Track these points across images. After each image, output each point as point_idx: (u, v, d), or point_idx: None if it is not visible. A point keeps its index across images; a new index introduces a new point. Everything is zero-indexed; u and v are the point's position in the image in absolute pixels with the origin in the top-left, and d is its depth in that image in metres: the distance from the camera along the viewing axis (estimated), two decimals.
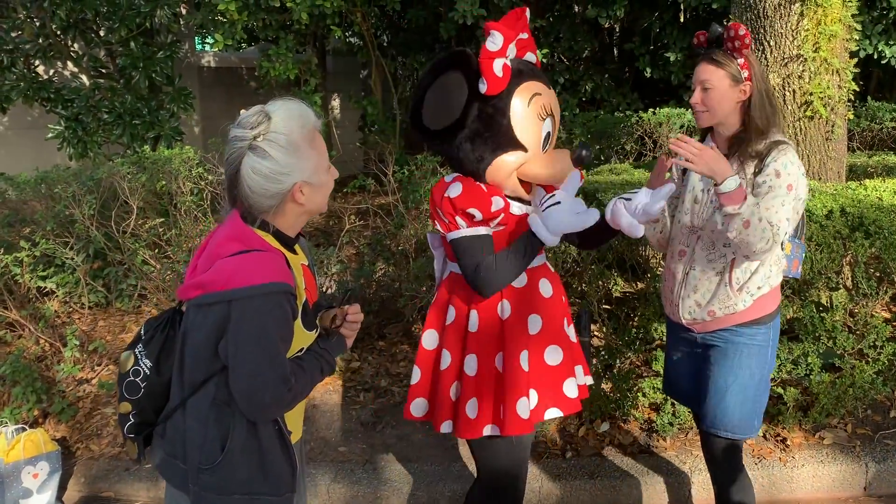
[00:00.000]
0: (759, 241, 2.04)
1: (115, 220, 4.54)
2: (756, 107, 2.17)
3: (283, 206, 1.62)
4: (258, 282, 1.50)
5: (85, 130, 6.91)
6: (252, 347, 1.51)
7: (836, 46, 3.98)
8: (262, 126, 1.56)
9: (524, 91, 2.06)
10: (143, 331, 1.71)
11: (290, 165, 1.58)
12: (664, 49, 7.93)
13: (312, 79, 7.83)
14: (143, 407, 1.68)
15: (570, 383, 2.19)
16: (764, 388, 2.31)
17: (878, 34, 6.99)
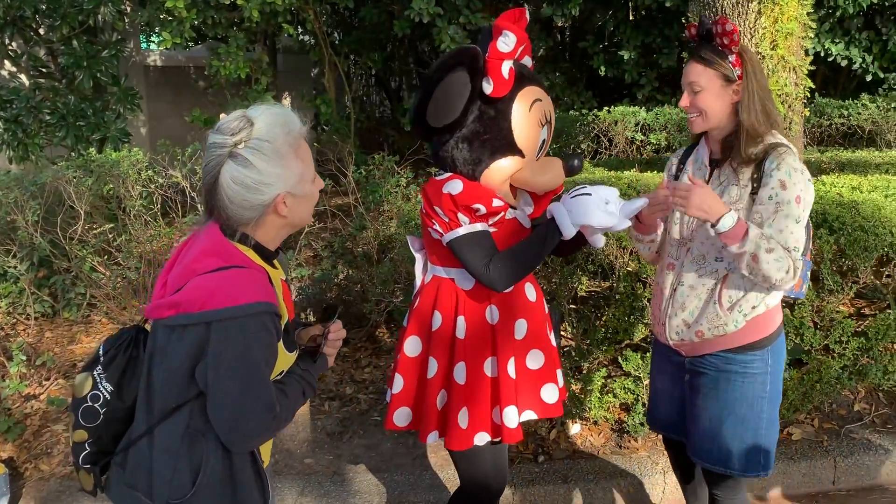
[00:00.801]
0: (777, 272, 1.87)
1: (61, 226, 4.35)
2: (746, 108, 1.97)
3: (265, 218, 1.49)
4: (241, 302, 1.38)
5: (25, 132, 6.62)
6: (235, 374, 1.39)
7: (793, 44, 4.03)
8: (244, 132, 1.44)
9: (526, 96, 2.00)
10: (101, 351, 1.55)
11: (274, 175, 1.45)
12: (618, 47, 7.98)
13: (263, 77, 7.66)
14: (101, 434, 1.53)
15: (549, 389, 2.14)
16: (769, 422, 2.06)
17: (826, 32, 7.15)
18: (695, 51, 2.02)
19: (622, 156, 6.73)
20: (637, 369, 3.15)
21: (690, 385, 2.14)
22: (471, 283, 2.06)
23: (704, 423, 2.09)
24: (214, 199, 1.47)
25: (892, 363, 3.19)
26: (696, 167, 2.13)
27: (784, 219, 1.90)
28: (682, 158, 2.23)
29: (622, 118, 6.81)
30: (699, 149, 2.16)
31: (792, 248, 1.89)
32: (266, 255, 1.54)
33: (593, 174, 4.58)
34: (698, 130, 2.07)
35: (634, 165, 5.28)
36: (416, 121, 2.06)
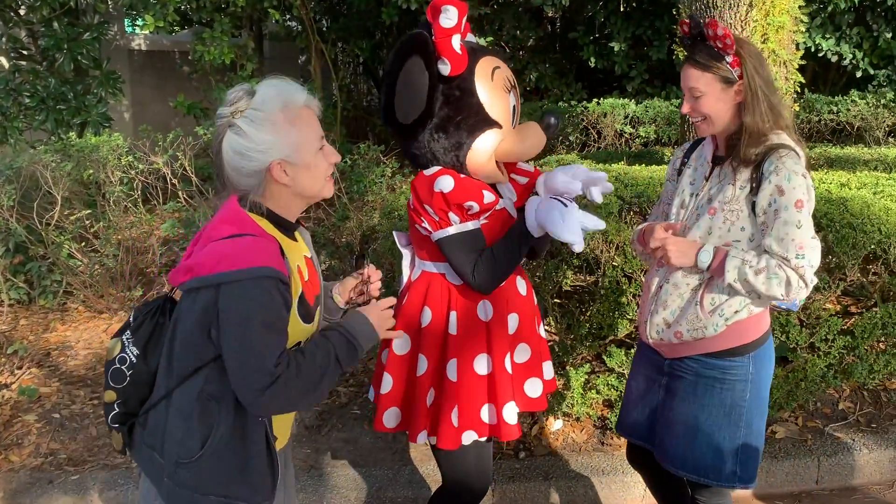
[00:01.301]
0: (777, 288, 1.81)
1: (38, 211, 4.25)
2: (750, 109, 1.88)
3: (268, 186, 1.55)
4: (245, 265, 1.43)
5: (4, 115, 6.49)
6: (236, 334, 1.44)
7: (784, 38, 3.99)
8: (241, 102, 1.52)
9: (484, 66, 1.95)
10: (132, 317, 1.65)
11: (266, 143, 1.51)
12: (608, 39, 7.92)
13: (249, 63, 7.55)
14: (129, 396, 1.62)
15: (533, 382, 2.10)
16: (748, 431, 1.97)
17: (817, 27, 7.12)
18: (690, 54, 1.94)
19: (611, 148, 6.68)
20: (621, 366, 3.11)
21: (667, 388, 2.08)
22: None
23: (679, 429, 2.02)
24: (221, 169, 1.56)
25: (877, 362, 3.16)
26: (699, 163, 2.08)
27: (784, 226, 1.82)
28: (688, 153, 2.17)
29: (612, 110, 6.76)
30: (705, 145, 2.10)
31: (794, 257, 1.81)
32: (285, 225, 1.60)
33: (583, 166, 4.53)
34: (705, 135, 2.02)
35: (623, 158, 5.23)
36: (388, 121, 2.01)
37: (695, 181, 2.05)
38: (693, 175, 2.07)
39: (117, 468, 3.07)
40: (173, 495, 1.56)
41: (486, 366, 2.02)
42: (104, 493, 2.96)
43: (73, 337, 4.16)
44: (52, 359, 3.89)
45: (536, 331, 2.13)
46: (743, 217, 1.90)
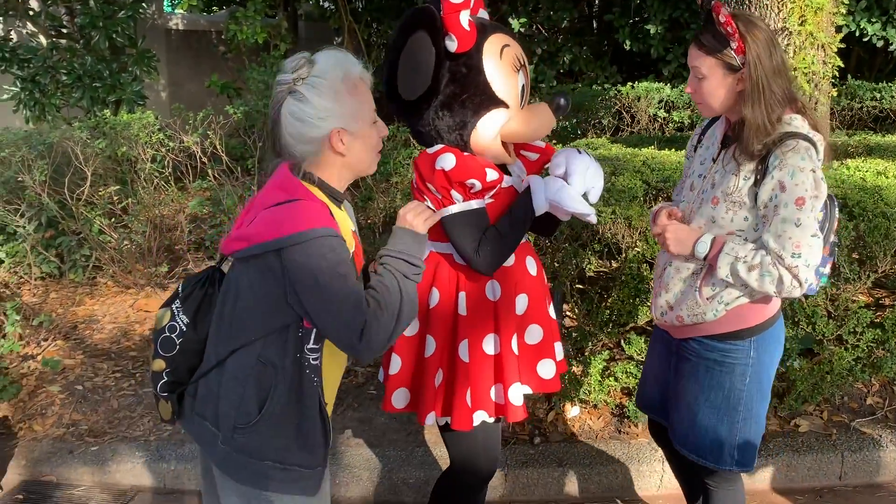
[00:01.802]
0: (769, 286, 1.78)
1: (70, 187, 4.31)
2: (749, 101, 1.80)
3: (324, 155, 1.58)
4: (304, 228, 1.46)
5: (42, 92, 6.60)
6: (317, 291, 1.47)
7: (823, 20, 3.85)
8: (303, 69, 1.54)
9: (493, 43, 1.90)
10: (181, 287, 1.69)
11: (328, 110, 1.54)
12: (644, 21, 7.76)
13: (282, 44, 7.57)
14: (178, 365, 1.66)
15: (546, 364, 2.07)
16: (747, 416, 1.96)
17: (862, 11, 6.88)
18: (698, 33, 1.87)
19: (644, 133, 6.55)
20: (640, 353, 3.06)
21: (675, 369, 2.09)
22: None
23: (683, 410, 2.04)
24: (278, 136, 1.57)
25: None
26: (710, 142, 2.04)
27: (781, 223, 1.76)
28: (704, 130, 2.13)
29: (646, 94, 6.62)
30: (718, 124, 2.04)
31: (790, 255, 1.75)
32: (333, 195, 1.62)
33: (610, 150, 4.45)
34: (706, 116, 1.99)
35: (654, 143, 5.12)
36: (391, 97, 1.97)
37: (704, 161, 2.01)
38: (704, 155, 2.03)
39: (136, 440, 3.11)
40: (229, 461, 1.58)
41: (494, 346, 2.00)
42: (122, 465, 3.01)
43: (100, 311, 4.23)
44: (78, 332, 3.96)
45: (547, 311, 2.10)
46: (746, 208, 1.84)
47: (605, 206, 3.02)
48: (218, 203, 4.62)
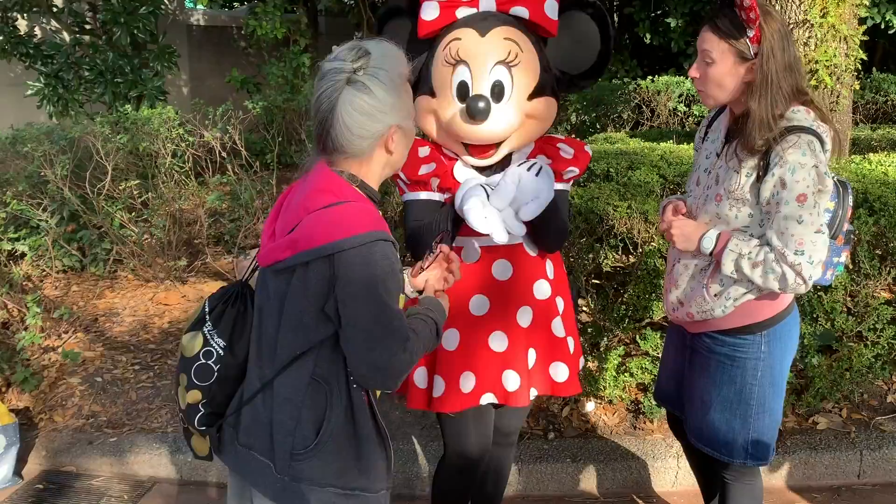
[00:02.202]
0: (773, 283, 1.76)
1: (91, 181, 4.36)
2: (756, 94, 1.75)
3: (374, 153, 1.47)
4: (359, 231, 1.36)
5: (66, 88, 6.68)
6: (363, 302, 1.37)
7: (845, 12, 3.79)
8: (364, 59, 1.41)
9: (448, 36, 1.96)
10: (206, 308, 1.54)
11: (391, 105, 1.44)
12: (665, 15, 7.69)
13: (302, 39, 7.60)
14: (215, 394, 1.52)
15: (510, 375, 2.01)
16: (760, 410, 1.93)
17: (887, 3, 6.76)
18: (713, 16, 1.81)
19: (664, 127, 6.50)
20: (655, 349, 3.04)
21: (689, 362, 2.08)
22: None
23: (696, 403, 2.03)
24: (329, 129, 1.43)
25: None
26: (715, 136, 2.00)
27: (783, 220, 1.73)
28: (710, 121, 2.09)
29: (666, 88, 6.57)
30: (723, 117, 1.99)
31: (792, 253, 1.72)
32: (373, 196, 1.51)
33: (628, 144, 4.43)
34: (707, 105, 1.92)
35: (673, 137, 5.08)
36: None
37: (709, 155, 1.99)
38: (709, 148, 2.00)
39: (154, 432, 3.15)
40: (288, 491, 1.44)
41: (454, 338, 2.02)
42: (140, 456, 3.05)
43: (120, 304, 4.28)
44: (98, 324, 4.01)
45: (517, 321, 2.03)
46: (750, 204, 1.81)
47: (621, 201, 3.00)
48: (237, 198, 4.66)
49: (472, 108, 1.86)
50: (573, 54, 2.06)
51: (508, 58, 1.93)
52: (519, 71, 1.94)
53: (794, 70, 1.78)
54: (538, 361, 2.06)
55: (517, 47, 1.94)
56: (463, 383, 2.00)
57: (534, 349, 2.05)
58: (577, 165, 2.06)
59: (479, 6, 1.99)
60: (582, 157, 2.07)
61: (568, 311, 2.17)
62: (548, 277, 2.09)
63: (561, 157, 2.05)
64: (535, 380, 2.05)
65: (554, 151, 2.06)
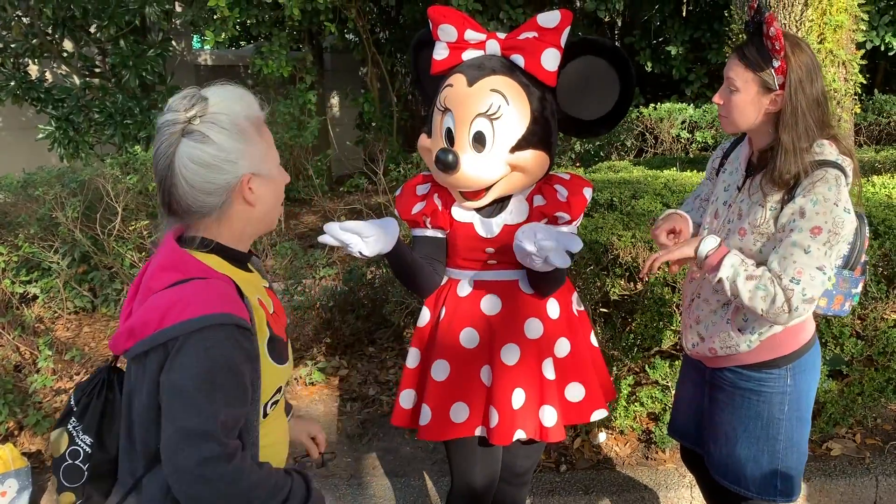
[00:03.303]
0: (760, 302, 1.70)
1: (101, 222, 4.42)
2: (786, 125, 1.73)
3: (229, 209, 1.31)
4: (196, 314, 1.19)
5: (76, 130, 6.80)
6: (179, 394, 1.17)
7: (842, 37, 3.83)
8: (198, 107, 1.26)
9: (447, 79, 2.00)
10: (73, 400, 1.39)
11: (236, 151, 1.28)
12: (665, 43, 7.77)
13: (308, 76, 7.70)
14: (90, 494, 1.37)
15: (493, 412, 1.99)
16: (788, 444, 1.89)
17: (885, 25, 6.82)
18: (742, 44, 1.79)
19: (668, 154, 6.54)
20: (665, 378, 3.03)
21: (710, 398, 2.03)
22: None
23: (721, 439, 1.98)
24: (171, 188, 1.28)
25: None
26: (734, 167, 1.98)
27: (790, 246, 1.70)
28: (728, 152, 2.07)
29: (668, 115, 6.62)
30: (742, 147, 1.98)
31: (788, 279, 1.69)
32: (237, 257, 1.37)
33: (632, 173, 4.45)
34: (727, 131, 1.90)
35: (676, 164, 5.11)
36: None
37: (728, 188, 1.97)
38: (728, 181, 1.98)
39: None
40: None
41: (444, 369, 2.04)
42: None
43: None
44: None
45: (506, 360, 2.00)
46: (774, 238, 1.78)
47: (625, 230, 3.01)
48: None
49: (439, 160, 1.87)
50: (588, 100, 2.01)
51: (489, 110, 1.90)
52: (501, 123, 1.90)
53: (821, 104, 1.76)
54: (527, 402, 2.00)
55: (502, 99, 1.90)
56: (455, 414, 2.00)
57: (522, 389, 2.00)
58: (570, 212, 1.97)
59: (485, 49, 2.00)
60: (576, 203, 1.99)
61: (577, 355, 2.09)
62: (546, 317, 2.04)
63: (555, 201, 2.00)
64: (523, 421, 1.99)
65: (550, 193, 2.02)
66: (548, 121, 1.98)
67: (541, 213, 1.99)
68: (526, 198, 2.03)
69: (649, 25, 8.06)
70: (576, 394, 2.09)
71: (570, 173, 2.10)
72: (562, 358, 2.08)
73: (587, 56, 1.98)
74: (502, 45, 1.99)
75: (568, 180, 2.04)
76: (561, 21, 1.92)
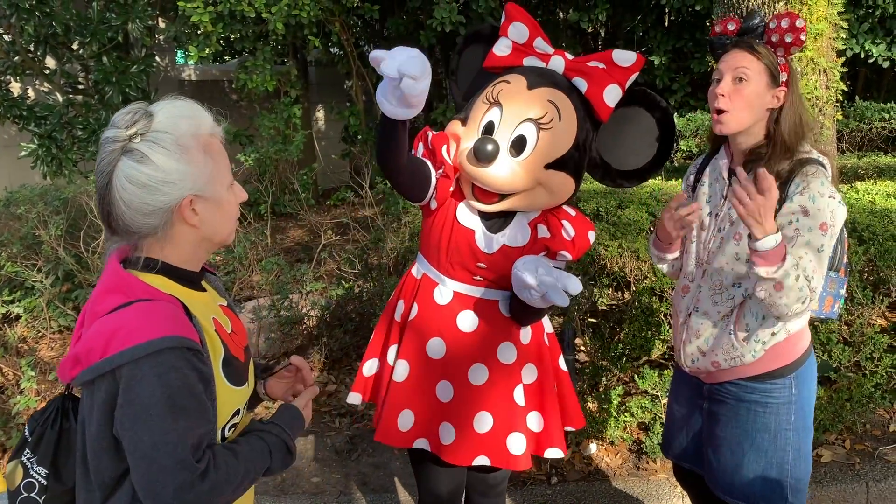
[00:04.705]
0: (795, 303, 1.67)
1: (85, 240, 4.38)
2: (787, 120, 1.76)
3: (172, 229, 1.26)
4: (142, 340, 1.14)
5: (59, 148, 6.74)
6: (142, 426, 1.14)
7: (823, 45, 3.86)
8: (141, 123, 1.21)
9: (503, 77, 1.95)
10: (27, 430, 1.33)
11: (177, 172, 1.22)
12: (648, 53, 7.82)
13: (293, 90, 7.68)
14: None
15: (447, 428, 1.95)
16: (796, 454, 1.86)
17: (865, 33, 6.90)
18: (740, 41, 1.79)
19: None
20: (654, 387, 3.02)
21: (709, 414, 1.99)
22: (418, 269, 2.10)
23: (725, 456, 1.93)
24: (110, 206, 1.23)
25: None
26: (713, 178, 1.95)
27: (804, 247, 1.70)
28: (701, 168, 2.04)
29: None
30: (718, 158, 1.96)
31: (808, 278, 1.69)
32: (188, 277, 1.32)
33: None
34: (728, 131, 1.82)
35: (661, 173, 5.13)
36: None
37: (711, 198, 1.94)
38: (709, 192, 1.96)
39: None
40: None
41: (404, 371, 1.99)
42: None
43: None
44: None
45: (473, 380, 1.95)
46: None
47: (611, 240, 3.02)
48: (231, 250, 4.68)
49: (478, 147, 1.81)
50: (623, 149, 1.98)
51: (542, 118, 1.86)
52: (547, 135, 1.86)
53: (804, 109, 1.81)
54: (495, 428, 1.94)
55: (556, 113, 1.86)
56: (401, 420, 1.96)
57: (489, 413, 1.95)
58: (573, 252, 1.94)
59: (547, 63, 1.96)
60: (580, 245, 1.95)
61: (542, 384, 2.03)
62: (519, 342, 1.99)
63: (560, 237, 1.94)
64: (487, 447, 1.94)
65: (556, 227, 1.95)
66: (586, 151, 1.94)
67: (543, 246, 1.94)
68: (529, 223, 1.96)
69: (632, 36, 8.11)
70: (534, 424, 2.02)
71: (576, 209, 2.03)
72: (528, 385, 2.01)
73: (639, 107, 1.95)
74: (568, 65, 1.95)
75: (574, 217, 1.98)
76: (635, 63, 1.90)
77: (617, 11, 7.96)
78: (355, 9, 7.40)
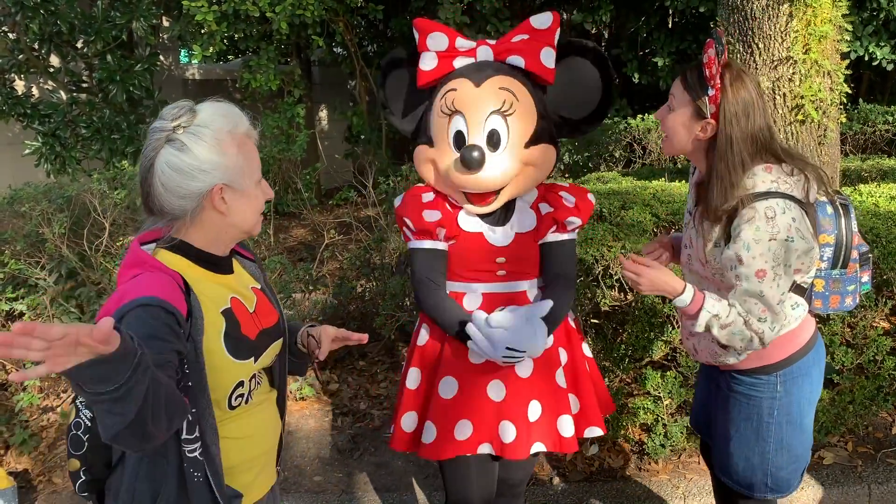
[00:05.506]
0: (738, 343, 1.79)
1: (89, 238, 4.38)
2: (719, 153, 1.71)
3: (201, 214, 1.41)
4: (129, 299, 1.28)
5: (63, 146, 6.75)
6: None
7: (827, 48, 3.85)
8: (185, 117, 1.38)
9: (444, 86, 2.00)
10: None
11: (211, 163, 1.38)
12: (652, 54, 7.82)
13: (296, 90, 7.69)
14: (92, 462, 1.49)
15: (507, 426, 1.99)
16: (778, 446, 1.92)
17: (869, 35, 6.88)
18: (690, 66, 1.80)
19: (656, 164, 6.56)
20: (657, 389, 3.02)
21: (714, 396, 2.10)
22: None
23: (720, 437, 2.05)
24: (150, 188, 1.39)
25: None
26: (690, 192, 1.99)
27: (744, 294, 1.74)
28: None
29: (656, 126, 6.64)
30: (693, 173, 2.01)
31: (756, 320, 1.74)
32: (206, 259, 1.45)
33: (620, 184, 4.46)
34: (670, 153, 1.92)
35: (665, 175, 5.13)
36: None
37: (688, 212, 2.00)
38: (689, 203, 2.01)
39: None
40: None
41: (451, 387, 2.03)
42: None
43: None
44: None
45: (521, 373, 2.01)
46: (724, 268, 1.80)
47: (615, 241, 3.02)
48: None
49: (466, 159, 1.88)
50: (574, 99, 2.07)
51: (503, 107, 1.94)
52: (515, 119, 1.95)
53: (757, 140, 1.73)
54: (544, 414, 2.01)
55: (512, 96, 1.95)
56: (458, 431, 1.98)
57: (538, 401, 2.01)
58: (580, 216, 2.03)
59: (476, 56, 2.02)
60: (584, 207, 2.05)
61: (574, 367, 2.11)
62: None
63: (563, 206, 2.03)
64: (541, 433, 2.01)
65: (556, 200, 2.05)
66: (550, 117, 2.04)
67: (552, 220, 2.03)
68: (531, 206, 2.06)
69: (636, 37, 8.10)
70: (574, 405, 2.10)
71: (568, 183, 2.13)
72: (564, 366, 2.10)
73: (571, 56, 2.05)
74: (495, 49, 2.02)
75: (569, 187, 2.10)
76: (553, 22, 1.98)
77: (620, 13, 7.96)
78: (359, 8, 7.41)
